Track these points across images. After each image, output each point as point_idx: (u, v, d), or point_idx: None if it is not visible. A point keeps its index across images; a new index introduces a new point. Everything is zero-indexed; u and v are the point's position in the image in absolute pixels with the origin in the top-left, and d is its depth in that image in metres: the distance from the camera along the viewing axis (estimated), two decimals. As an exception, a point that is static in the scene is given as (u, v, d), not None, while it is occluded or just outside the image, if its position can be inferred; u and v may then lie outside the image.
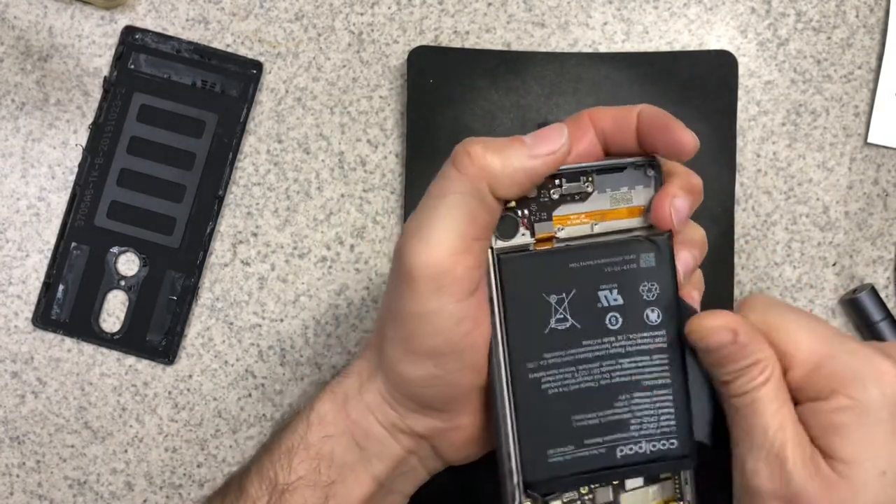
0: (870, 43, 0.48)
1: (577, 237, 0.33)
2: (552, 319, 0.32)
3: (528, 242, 0.33)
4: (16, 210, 0.48)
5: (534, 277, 0.32)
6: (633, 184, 0.33)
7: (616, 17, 0.48)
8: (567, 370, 0.32)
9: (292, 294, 0.47)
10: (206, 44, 0.48)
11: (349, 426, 0.35)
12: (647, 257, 0.33)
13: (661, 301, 0.33)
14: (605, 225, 0.33)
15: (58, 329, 0.47)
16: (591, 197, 0.33)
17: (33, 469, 0.47)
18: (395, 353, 0.33)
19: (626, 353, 0.32)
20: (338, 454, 0.35)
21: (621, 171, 0.33)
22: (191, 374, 0.47)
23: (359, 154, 0.48)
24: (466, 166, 0.30)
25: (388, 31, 0.48)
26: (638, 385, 0.32)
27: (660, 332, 0.33)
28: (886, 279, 0.48)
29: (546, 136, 0.31)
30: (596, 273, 0.32)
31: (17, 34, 0.48)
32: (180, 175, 0.47)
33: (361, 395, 0.35)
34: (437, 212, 0.30)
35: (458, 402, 0.33)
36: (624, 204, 0.33)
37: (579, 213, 0.33)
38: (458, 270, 0.30)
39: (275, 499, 0.34)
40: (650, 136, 0.32)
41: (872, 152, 0.48)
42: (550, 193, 0.33)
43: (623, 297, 0.32)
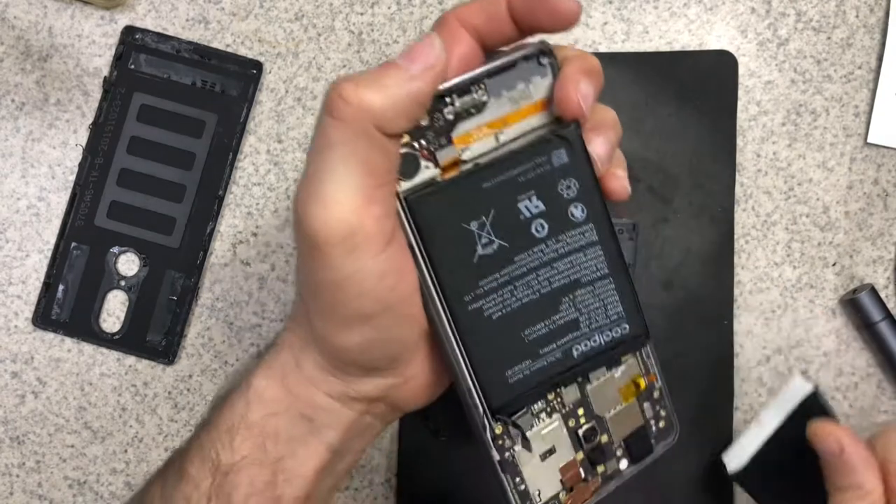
0: (870, 43, 0.48)
1: (484, 153, 0.31)
2: (478, 247, 0.31)
3: (433, 175, 0.30)
4: (16, 210, 0.48)
5: (448, 210, 0.30)
6: (529, 77, 0.31)
7: (616, 17, 0.48)
8: (506, 290, 0.31)
9: (292, 294, 0.47)
10: (206, 44, 0.48)
11: (292, 401, 0.33)
12: (558, 154, 0.31)
13: (583, 195, 0.31)
14: (512, 130, 0.31)
15: (58, 329, 0.47)
16: (489, 105, 0.31)
17: (33, 469, 0.47)
18: (324, 324, 0.30)
19: (560, 256, 0.32)
20: (283, 430, 0.33)
21: (513, 67, 0.31)
22: (191, 374, 0.47)
23: (359, 154, 0.48)
24: (342, 111, 0.27)
25: (388, 31, 0.48)
26: (578, 283, 0.32)
27: (588, 226, 0.32)
28: (886, 279, 0.48)
29: (418, 50, 0.28)
30: (511, 186, 0.31)
31: (17, 34, 0.48)
32: (180, 175, 0.47)
33: (300, 370, 0.33)
34: (327, 167, 0.27)
35: (403, 356, 0.32)
36: (525, 101, 0.31)
37: (480, 126, 0.31)
38: (367, 225, 0.28)
39: (218, 479, 0.32)
40: (527, 14, 0.30)
41: (872, 152, 0.48)
42: (445, 114, 0.30)
43: (543, 201, 0.31)
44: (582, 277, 0.32)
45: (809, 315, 0.48)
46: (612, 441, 0.34)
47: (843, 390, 0.47)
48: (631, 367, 0.34)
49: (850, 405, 0.47)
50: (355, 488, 0.47)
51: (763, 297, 0.47)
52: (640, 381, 0.34)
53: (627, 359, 0.33)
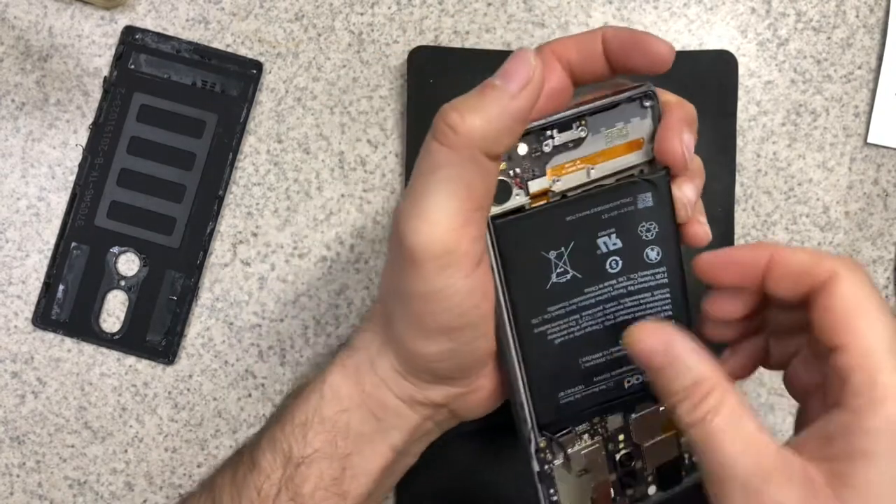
0: (870, 43, 0.48)
1: (574, 186, 0.32)
2: (553, 275, 0.32)
3: (522, 203, 0.32)
4: (16, 210, 0.48)
5: (530, 237, 0.32)
6: (628, 117, 0.32)
7: (616, 17, 0.48)
8: (571, 319, 0.33)
9: (292, 294, 0.47)
10: (206, 44, 0.48)
11: (364, 399, 0.34)
12: (644, 198, 0.32)
13: (661, 239, 0.33)
14: (603, 167, 0.32)
15: (58, 329, 0.47)
16: (586, 140, 0.32)
17: (33, 469, 0.47)
18: (407, 331, 0.32)
19: (629, 293, 0.33)
20: (354, 426, 0.34)
21: (616, 107, 0.32)
22: (191, 374, 0.47)
23: (359, 154, 0.48)
24: (449, 138, 0.28)
25: (388, 31, 0.48)
26: (641, 320, 0.33)
27: (660, 269, 0.33)
28: (886, 279, 0.48)
29: (513, 68, 0.29)
30: (593, 221, 0.32)
31: (17, 34, 0.48)
32: (180, 175, 0.47)
33: (374, 370, 0.34)
34: (431, 188, 0.29)
35: (474, 368, 0.33)
36: (620, 140, 0.32)
37: (574, 161, 0.32)
38: (463, 245, 0.29)
39: (290, 471, 0.34)
40: (621, 54, 0.30)
41: (872, 152, 0.48)
42: (543, 147, 0.32)
43: (622, 240, 0.32)
44: (646, 315, 0.33)
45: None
46: (645, 467, 0.35)
47: (843, 390, 0.47)
48: None
49: (850, 405, 0.47)
50: (355, 488, 0.47)
51: (763, 297, 0.47)
52: None
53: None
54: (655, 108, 0.32)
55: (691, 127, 0.31)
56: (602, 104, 0.32)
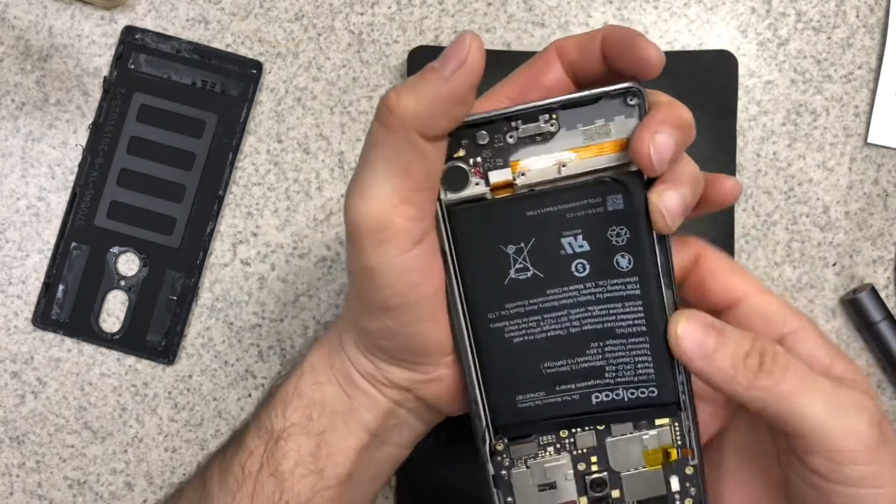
0: (870, 43, 0.48)
1: (541, 181, 0.31)
2: (511, 270, 0.31)
3: (482, 192, 0.31)
4: (16, 210, 0.48)
5: (486, 228, 0.31)
6: (612, 115, 0.30)
7: (616, 17, 0.48)
8: (531, 319, 0.31)
9: (292, 294, 0.47)
10: (206, 44, 0.48)
11: (335, 374, 0.35)
12: (614, 199, 0.30)
13: (633, 246, 0.31)
14: (579, 164, 0.30)
15: (58, 329, 0.47)
16: (558, 135, 0.30)
17: (33, 469, 0.47)
18: (354, 306, 0.33)
19: (596, 301, 0.31)
20: (328, 402, 0.35)
21: (594, 102, 0.30)
22: (191, 374, 0.47)
23: (359, 154, 0.48)
24: (386, 117, 0.29)
25: (388, 31, 0.48)
26: (611, 332, 0.31)
27: (631, 279, 0.31)
28: (886, 279, 0.48)
29: (450, 52, 0.29)
30: (557, 219, 0.31)
31: (17, 34, 0.48)
32: (180, 175, 0.47)
33: (342, 346, 0.35)
34: (369, 166, 0.29)
35: (427, 354, 0.33)
36: (602, 139, 0.30)
37: (543, 155, 0.31)
38: (397, 223, 0.29)
39: (270, 446, 0.35)
40: (613, 55, 0.30)
41: (872, 152, 0.48)
42: (506, 137, 0.31)
43: (589, 242, 0.31)
44: (616, 328, 0.31)
45: (809, 315, 0.48)
46: (623, 499, 0.33)
47: (843, 390, 0.47)
48: (664, 434, 0.32)
49: (850, 405, 0.47)
50: (355, 488, 0.47)
51: (763, 297, 0.47)
52: (671, 451, 0.32)
53: (663, 424, 0.32)
54: (641, 108, 0.30)
55: (675, 129, 0.29)
56: (573, 97, 0.30)
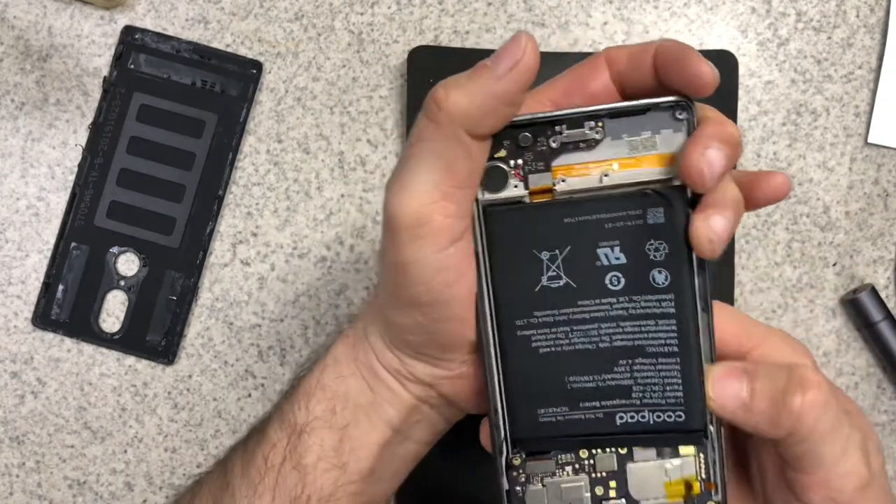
0: (870, 43, 0.48)
1: (581, 189, 0.30)
2: (543, 277, 0.30)
3: (520, 195, 0.30)
4: (15, 210, 0.48)
5: (522, 232, 0.30)
6: (659, 128, 0.29)
7: (616, 16, 0.48)
8: (560, 329, 0.30)
9: (292, 294, 0.47)
10: (205, 44, 0.48)
11: (359, 367, 0.35)
12: (654, 213, 0.29)
13: (671, 262, 0.29)
14: (622, 175, 0.30)
15: (57, 329, 0.47)
16: (602, 144, 0.30)
17: (33, 469, 0.47)
18: (384, 299, 0.33)
19: (629, 316, 0.30)
20: (352, 395, 0.34)
21: (642, 113, 0.29)
22: (191, 374, 0.47)
23: (359, 154, 0.48)
24: (435, 113, 0.28)
25: (388, 31, 0.48)
26: (641, 351, 0.30)
27: (667, 296, 0.30)
28: (886, 279, 0.48)
29: (504, 50, 0.28)
30: (595, 229, 0.30)
31: (16, 34, 0.48)
32: (180, 175, 0.47)
33: (367, 338, 0.35)
34: (413, 161, 0.29)
35: (452, 351, 0.33)
36: (646, 151, 0.30)
37: (587, 163, 0.30)
38: (437, 219, 0.29)
39: (293, 440, 0.35)
40: (665, 70, 0.30)
41: (873, 152, 0.48)
42: (549, 141, 0.30)
43: (626, 255, 0.30)
44: (647, 346, 0.30)
45: (809, 315, 0.47)
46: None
47: (844, 390, 0.47)
48: (688, 464, 0.30)
49: (851, 405, 0.47)
50: (355, 488, 0.47)
51: (763, 297, 0.47)
52: (694, 483, 0.30)
53: (688, 454, 0.30)
54: (690, 123, 0.29)
55: (725, 145, 0.29)
56: (621, 106, 0.29)
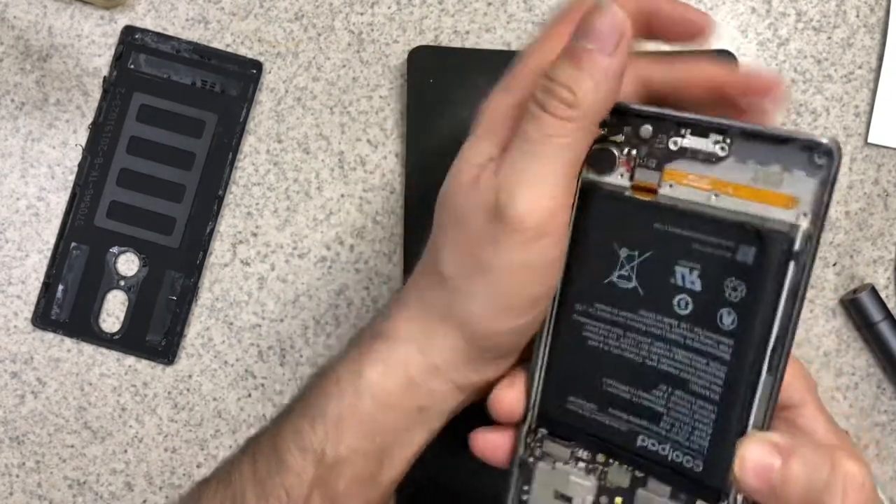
0: (870, 43, 0.48)
1: (686, 201, 0.28)
2: (615, 273, 0.29)
3: (622, 185, 0.29)
4: (15, 210, 0.48)
5: (610, 221, 0.29)
6: (791, 166, 0.26)
7: (616, 16, 0.48)
8: (614, 329, 0.29)
9: (292, 294, 0.47)
10: (205, 44, 0.48)
11: (410, 392, 0.32)
12: (745, 251, 0.27)
13: (744, 308, 0.27)
14: (734, 202, 0.27)
15: (57, 329, 0.47)
16: (725, 162, 0.27)
17: (33, 469, 0.47)
18: (485, 308, 0.30)
19: (685, 346, 0.28)
20: (397, 423, 0.32)
21: (780, 143, 0.26)
22: (191, 374, 0.47)
23: (359, 154, 0.48)
24: (566, 112, 0.28)
25: (388, 31, 0.48)
26: (684, 384, 0.28)
27: (728, 340, 0.27)
28: (887, 279, 0.48)
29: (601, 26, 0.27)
30: (681, 244, 0.28)
31: (16, 34, 0.48)
32: (180, 175, 0.47)
33: (425, 358, 0.32)
34: (541, 159, 0.28)
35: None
36: (769, 186, 0.26)
37: (702, 176, 0.27)
38: (560, 214, 0.29)
39: (322, 472, 0.32)
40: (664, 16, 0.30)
41: (873, 152, 0.48)
42: (669, 142, 0.28)
43: (702, 283, 0.28)
44: (691, 382, 0.28)
45: (809, 315, 0.47)
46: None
47: (843, 390, 0.47)
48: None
49: (850, 405, 0.47)
50: (355, 488, 0.47)
51: (763, 297, 0.47)
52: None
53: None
54: (829, 171, 0.26)
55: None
56: (757, 129, 0.27)
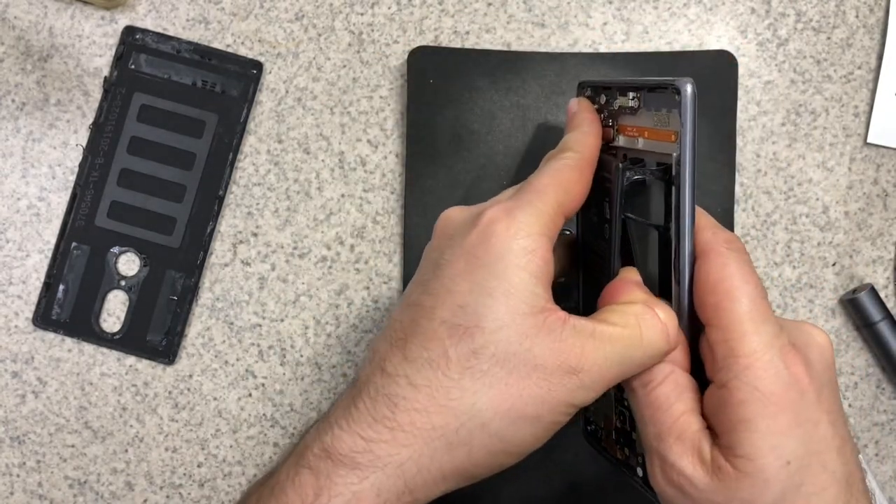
0: (870, 43, 0.48)
1: (627, 148, 0.34)
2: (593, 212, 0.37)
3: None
4: (16, 210, 0.48)
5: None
6: (671, 107, 0.32)
7: (616, 17, 0.48)
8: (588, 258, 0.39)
9: (292, 294, 0.48)
10: (206, 44, 0.48)
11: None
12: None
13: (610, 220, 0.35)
14: (647, 143, 0.33)
15: (58, 329, 0.47)
16: (639, 113, 0.33)
17: (33, 469, 0.47)
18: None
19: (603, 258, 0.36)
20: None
21: (659, 90, 0.32)
22: (191, 374, 0.47)
23: (359, 154, 0.48)
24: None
25: (388, 31, 0.48)
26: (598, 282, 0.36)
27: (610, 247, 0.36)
28: (886, 279, 0.48)
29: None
30: (599, 183, 0.35)
31: (17, 34, 0.48)
32: (180, 175, 0.47)
33: (412, 495, 0.31)
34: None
35: None
36: (663, 126, 0.32)
37: (632, 126, 0.34)
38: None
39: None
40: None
41: (872, 152, 0.48)
42: (614, 102, 0.35)
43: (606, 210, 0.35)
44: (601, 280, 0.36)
45: (809, 315, 0.48)
46: (635, 443, 0.35)
47: (843, 390, 0.47)
48: None
49: (850, 405, 0.47)
50: (355, 488, 0.47)
51: (763, 297, 0.47)
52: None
53: None
54: (684, 105, 0.31)
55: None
56: (641, 82, 0.33)
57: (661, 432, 0.30)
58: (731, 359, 0.29)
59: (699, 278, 0.31)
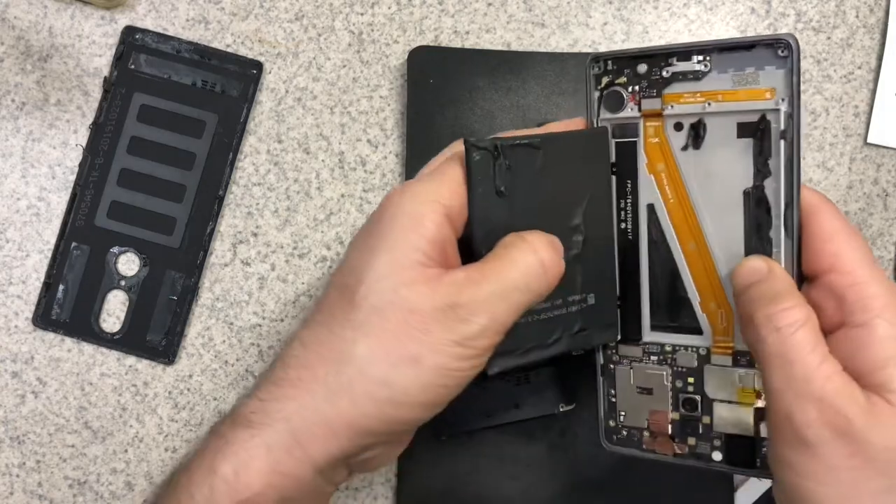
0: (870, 43, 0.48)
1: (687, 114, 0.34)
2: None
3: (634, 116, 0.35)
4: (16, 210, 0.48)
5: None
6: (763, 64, 0.32)
7: (616, 17, 0.48)
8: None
9: (292, 294, 0.48)
10: (206, 44, 0.48)
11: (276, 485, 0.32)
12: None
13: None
14: (722, 105, 0.33)
15: (58, 329, 0.47)
16: (709, 76, 0.33)
17: (33, 469, 0.47)
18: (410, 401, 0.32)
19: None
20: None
21: (748, 49, 0.32)
22: (191, 374, 0.47)
23: (359, 154, 0.48)
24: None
25: (388, 31, 0.48)
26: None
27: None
28: (886, 279, 0.48)
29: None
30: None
31: (17, 34, 0.48)
32: (180, 175, 0.47)
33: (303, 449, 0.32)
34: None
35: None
36: (748, 85, 0.32)
37: (694, 92, 0.34)
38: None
39: None
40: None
41: (872, 152, 0.48)
42: (662, 71, 0.34)
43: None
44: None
45: (809, 315, 0.48)
46: (711, 427, 0.35)
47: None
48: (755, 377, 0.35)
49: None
50: (355, 488, 0.47)
51: (763, 297, 0.47)
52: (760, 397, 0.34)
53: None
54: (792, 60, 0.32)
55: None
56: (730, 42, 0.33)
57: (809, 374, 0.29)
58: (868, 299, 0.30)
59: (812, 230, 0.32)
